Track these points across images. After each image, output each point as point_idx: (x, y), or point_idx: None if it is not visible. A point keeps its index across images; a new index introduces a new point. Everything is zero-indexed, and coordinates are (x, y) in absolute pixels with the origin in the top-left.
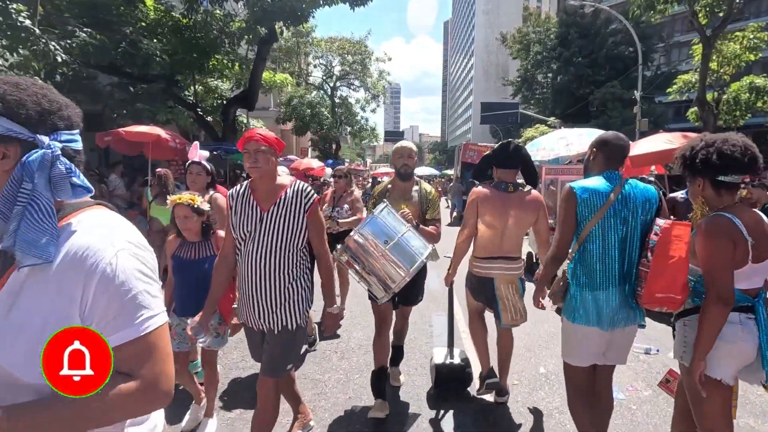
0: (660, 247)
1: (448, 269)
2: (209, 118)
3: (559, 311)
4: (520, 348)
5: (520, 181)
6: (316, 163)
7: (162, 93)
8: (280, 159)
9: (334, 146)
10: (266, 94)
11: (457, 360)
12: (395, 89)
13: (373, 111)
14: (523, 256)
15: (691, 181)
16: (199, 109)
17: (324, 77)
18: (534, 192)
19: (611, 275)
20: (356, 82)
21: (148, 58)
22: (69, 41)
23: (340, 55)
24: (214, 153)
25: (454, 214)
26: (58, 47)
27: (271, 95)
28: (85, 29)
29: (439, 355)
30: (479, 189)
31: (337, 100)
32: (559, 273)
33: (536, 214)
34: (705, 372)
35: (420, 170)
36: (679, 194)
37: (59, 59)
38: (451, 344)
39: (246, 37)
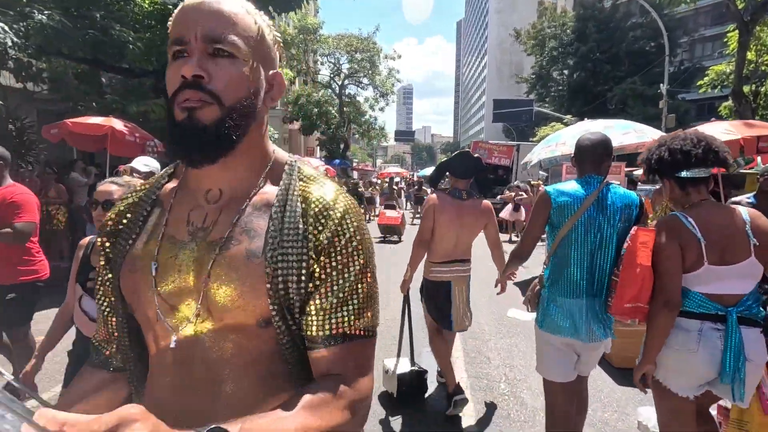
0: (628, 255)
1: (405, 275)
2: None
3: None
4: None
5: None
6: (316, 163)
7: (153, 89)
8: None
9: (342, 146)
10: None
11: (407, 369)
12: (407, 90)
13: (382, 110)
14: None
15: (662, 185)
16: None
17: (332, 75)
18: (484, 201)
19: (582, 283)
20: (365, 80)
21: (121, 47)
22: (23, 23)
23: (348, 52)
24: None
25: None
26: (7, 29)
27: None
28: (45, 12)
29: (391, 364)
30: (432, 196)
31: (345, 99)
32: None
33: (485, 221)
34: (660, 380)
35: (431, 170)
36: (744, 198)
37: (9, 42)
38: (400, 353)
39: None
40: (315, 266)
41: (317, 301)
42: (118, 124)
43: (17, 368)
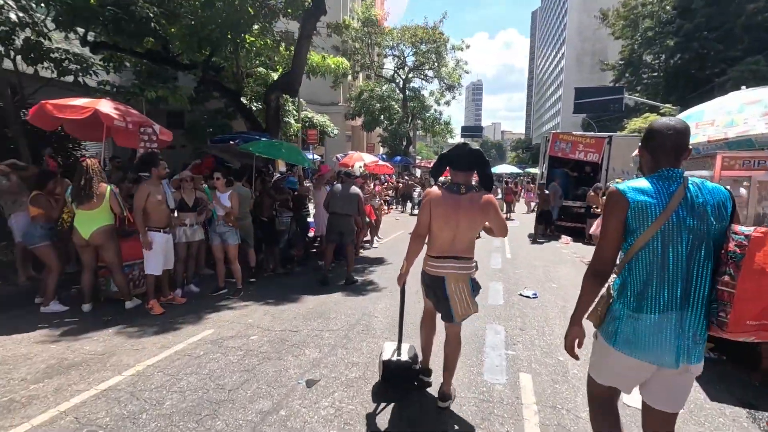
0: (749, 261)
1: (401, 268)
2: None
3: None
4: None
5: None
6: (369, 159)
7: (200, 80)
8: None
9: (404, 142)
10: (335, 87)
11: (405, 357)
12: (477, 86)
13: (448, 103)
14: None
15: None
16: (243, 98)
17: (395, 68)
18: (485, 193)
19: (673, 296)
20: (430, 73)
21: (141, 25)
22: None
23: (412, 44)
24: (231, 143)
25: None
26: (11, 3)
27: (341, 89)
28: None
29: (388, 351)
30: (431, 190)
31: (408, 93)
32: (603, 288)
33: (486, 215)
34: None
35: (501, 168)
36: None
37: (14, 17)
38: (399, 341)
39: (287, 10)
40: None
41: None
42: (105, 106)
43: None
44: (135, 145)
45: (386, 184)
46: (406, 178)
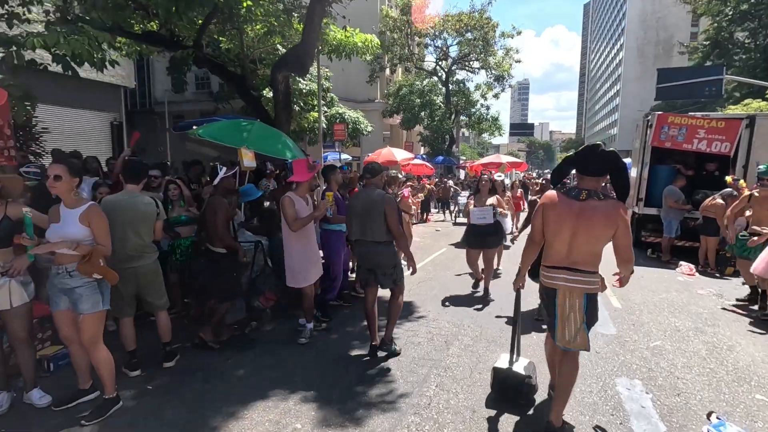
0: None
1: (517, 274)
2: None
3: None
4: None
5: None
6: (401, 154)
7: (194, 60)
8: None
9: (447, 141)
10: (371, 83)
11: (519, 368)
12: (523, 85)
13: (496, 96)
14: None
15: None
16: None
17: (437, 59)
18: (614, 202)
19: None
20: (476, 64)
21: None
22: None
23: (456, 31)
24: (194, 128)
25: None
26: None
27: (378, 85)
28: None
29: (503, 360)
30: (547, 193)
31: (452, 87)
32: None
33: (613, 227)
34: None
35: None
36: None
37: None
38: (512, 351)
39: None
40: None
41: None
42: None
43: None
44: None
45: (411, 185)
46: (445, 180)
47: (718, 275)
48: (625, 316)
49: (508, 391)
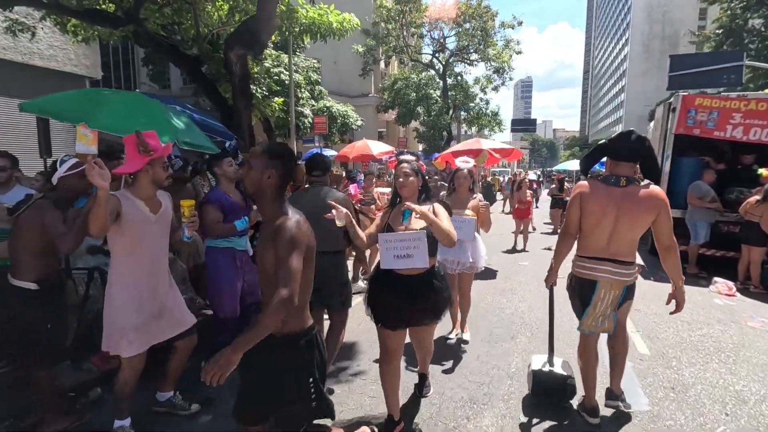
0: None
1: (549, 269)
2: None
3: None
4: None
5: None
6: (378, 147)
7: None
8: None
9: (444, 136)
10: (364, 77)
11: (558, 369)
12: (526, 83)
13: (496, 89)
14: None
15: None
16: (204, 67)
17: (434, 51)
18: (654, 187)
19: None
20: (474, 56)
21: None
22: None
23: (454, 21)
24: None
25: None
26: None
27: (372, 78)
28: None
29: (538, 362)
30: (583, 182)
31: (449, 81)
32: None
33: (655, 213)
34: None
35: (562, 166)
36: None
37: None
38: (550, 350)
39: None
40: None
41: None
42: None
43: None
44: None
45: (381, 184)
46: (436, 177)
47: (766, 293)
48: (659, 373)
49: (550, 393)
